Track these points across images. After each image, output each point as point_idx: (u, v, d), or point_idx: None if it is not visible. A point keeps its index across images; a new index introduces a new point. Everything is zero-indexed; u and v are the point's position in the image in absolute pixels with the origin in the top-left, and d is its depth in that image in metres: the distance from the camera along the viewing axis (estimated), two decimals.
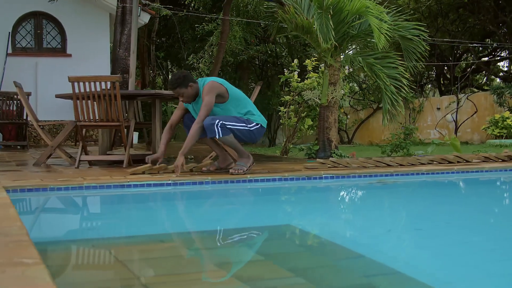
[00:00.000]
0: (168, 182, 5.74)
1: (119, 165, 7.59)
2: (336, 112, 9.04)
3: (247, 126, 6.16)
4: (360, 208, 5.31)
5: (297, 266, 3.08)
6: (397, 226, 4.48)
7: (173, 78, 6.09)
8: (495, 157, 7.44)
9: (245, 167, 6.15)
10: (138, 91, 8.10)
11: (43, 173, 6.64)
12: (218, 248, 3.49)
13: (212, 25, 17.27)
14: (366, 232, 4.23)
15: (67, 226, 4.39)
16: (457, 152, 9.94)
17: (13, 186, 5.28)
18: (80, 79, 6.96)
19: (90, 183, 5.52)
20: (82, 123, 7.18)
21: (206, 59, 16.23)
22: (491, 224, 4.53)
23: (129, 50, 11.46)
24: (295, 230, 4.21)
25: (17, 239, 2.93)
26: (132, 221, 4.58)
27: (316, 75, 10.19)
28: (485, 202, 5.68)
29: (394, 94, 8.18)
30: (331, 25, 7.81)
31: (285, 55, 22.82)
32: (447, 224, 4.52)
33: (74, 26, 13.83)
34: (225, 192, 5.91)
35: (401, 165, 6.96)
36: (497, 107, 20.32)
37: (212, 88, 6.04)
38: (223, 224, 4.46)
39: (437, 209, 5.20)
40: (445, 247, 3.64)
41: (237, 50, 17.64)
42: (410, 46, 8.70)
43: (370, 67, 8.24)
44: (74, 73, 13.36)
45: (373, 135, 22.68)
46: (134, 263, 2.93)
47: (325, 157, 8.78)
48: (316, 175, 6.24)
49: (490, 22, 21.88)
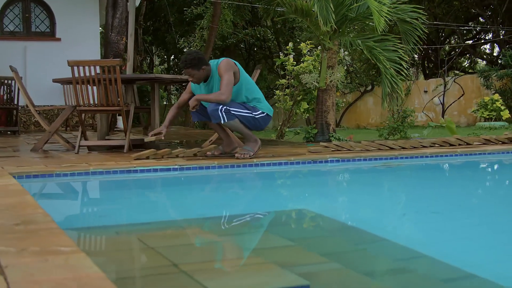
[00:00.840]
0: (174, 167, 5.69)
1: (118, 150, 7.52)
2: (334, 96, 9.02)
3: (252, 113, 6.09)
4: (370, 192, 5.28)
5: (327, 251, 3.05)
6: (412, 209, 4.46)
7: (187, 58, 5.95)
8: (495, 140, 7.46)
9: (252, 152, 6.10)
10: (137, 75, 8.01)
11: (43, 158, 6.56)
12: (243, 234, 3.45)
13: (201, 8, 17.15)
14: (382, 216, 4.21)
15: (84, 213, 4.33)
16: (452, 134, 9.97)
17: (18, 173, 5.20)
18: (80, 63, 6.85)
19: (96, 168, 5.45)
20: (82, 108, 7.09)
21: (197, 42, 16.11)
22: (504, 206, 4.53)
23: (121, 33, 11.37)
24: (312, 214, 4.17)
25: (47, 227, 2.87)
26: (149, 207, 4.53)
27: (312, 58, 10.14)
28: (493, 184, 5.69)
29: (394, 77, 8.16)
30: (332, 8, 7.76)
31: (272, 39, 22.74)
32: (459, 207, 4.52)
33: (63, 9, 13.62)
34: (233, 176, 5.87)
35: (403, 148, 6.94)
36: (483, 90, 20.41)
37: (229, 65, 5.96)
38: (239, 209, 4.42)
39: (447, 191, 5.20)
40: (465, 229, 3.63)
41: (226, 33, 17.53)
42: (408, 29, 8.67)
43: (370, 50, 8.20)
44: (64, 58, 13.20)
45: (360, 118, 22.71)
46: (167, 249, 2.88)
47: (324, 140, 8.77)
48: (321, 159, 6.21)
49: (477, 5, 21.91)
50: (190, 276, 2.38)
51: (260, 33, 19.42)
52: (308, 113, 10.14)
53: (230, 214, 4.14)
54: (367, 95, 22.58)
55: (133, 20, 7.94)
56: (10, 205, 3.51)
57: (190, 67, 5.95)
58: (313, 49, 10.48)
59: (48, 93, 12.63)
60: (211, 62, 6.12)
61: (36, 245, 2.49)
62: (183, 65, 5.99)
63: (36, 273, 2.09)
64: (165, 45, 23.02)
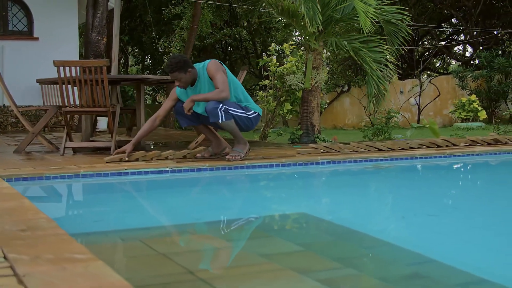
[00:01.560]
0: (166, 170, 5.63)
1: (103, 152, 7.42)
2: (319, 97, 9.00)
3: (246, 113, 6.05)
4: (365, 194, 5.27)
5: (338, 256, 3.02)
6: (409, 212, 4.44)
7: (172, 62, 5.88)
8: (481, 141, 7.49)
9: (242, 153, 6.05)
10: (124, 76, 7.91)
11: (29, 160, 6.44)
12: (250, 239, 3.40)
13: (179, 8, 17.02)
14: (382, 219, 4.20)
15: (82, 217, 4.24)
16: (435, 135, 10.01)
17: (7, 175, 5.10)
18: (66, 64, 6.74)
19: (87, 171, 5.37)
20: (67, 109, 6.98)
21: (177, 42, 15.98)
22: (499, 207, 4.53)
23: (102, 33, 11.23)
24: (313, 218, 4.13)
25: (54, 233, 2.80)
26: (147, 211, 4.47)
27: (295, 59, 10.11)
28: (485, 185, 5.71)
29: (380, 78, 8.16)
30: (318, 9, 7.73)
31: (248, 39, 22.69)
32: (456, 209, 4.52)
33: (41, 8, 13.41)
34: (227, 179, 5.82)
35: (392, 150, 6.94)
36: (459, 91, 20.58)
37: (217, 66, 5.90)
38: (239, 212, 4.38)
39: (441, 193, 5.20)
40: (465, 232, 3.63)
41: (204, 33, 17.45)
42: (392, 31, 8.67)
43: (356, 51, 8.19)
44: (42, 57, 13.11)
45: (337, 119, 22.74)
46: (178, 256, 2.82)
47: (309, 141, 8.74)
48: (312, 161, 6.18)
49: (451, 7, 22.09)
50: (210, 284, 2.32)
51: (238, 33, 19.37)
52: (291, 114, 10.11)
53: (231, 218, 4.09)
54: (343, 96, 22.62)
55: (118, 20, 7.83)
56: (9, 209, 3.43)
57: (177, 70, 5.86)
58: (296, 50, 10.45)
59: (26, 93, 12.46)
60: (196, 66, 6.05)
61: (48, 252, 2.42)
62: (169, 69, 5.90)
63: (58, 282, 2.03)
64: (141, 45, 22.86)
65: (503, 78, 19.12)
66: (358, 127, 22.01)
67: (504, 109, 19.41)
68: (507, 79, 19.09)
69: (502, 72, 18.91)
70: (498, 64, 18.69)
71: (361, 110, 22.05)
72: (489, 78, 19.10)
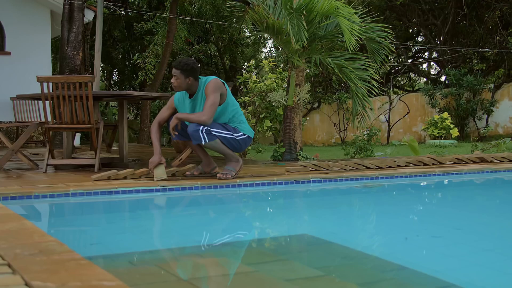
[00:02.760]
0: (157, 188, 5.50)
1: (85, 169, 7.27)
2: (301, 114, 8.96)
3: (233, 134, 5.92)
4: (363, 214, 5.20)
5: (359, 281, 2.94)
6: (411, 232, 4.37)
7: (183, 61, 5.79)
8: (467, 159, 7.51)
9: (234, 172, 5.95)
10: (108, 92, 7.76)
11: (11, 179, 6.25)
12: (267, 263, 3.28)
13: (151, 23, 16.89)
14: (385, 240, 4.12)
15: (78, 241, 4.06)
16: (415, 153, 10.04)
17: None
18: (50, 79, 6.58)
19: (76, 189, 5.21)
20: (50, 126, 6.81)
21: (152, 58, 15.82)
22: (499, 227, 4.50)
23: (77, 48, 11.05)
24: (318, 240, 4.03)
25: (70, 257, 2.67)
26: (146, 232, 4.32)
27: (274, 75, 10.06)
28: (480, 204, 5.69)
29: (365, 96, 8.14)
30: (304, 26, 7.70)
31: (217, 55, 22.65)
32: (458, 230, 4.46)
33: (13, 22, 13.18)
34: (220, 198, 5.71)
35: (380, 168, 6.91)
36: (428, 108, 20.77)
37: (217, 86, 5.78)
38: (244, 234, 4.26)
39: (440, 213, 5.16)
40: (472, 255, 3.57)
41: (177, 49, 17.35)
42: (375, 48, 8.67)
43: (340, 68, 8.16)
44: (14, 72, 12.87)
45: (307, 135, 22.75)
46: (201, 281, 2.70)
47: (291, 159, 8.68)
48: (304, 179, 6.11)
49: (420, 25, 22.32)
50: None
51: (210, 49, 19.31)
52: (271, 130, 10.05)
53: (238, 240, 3.98)
54: (313, 113, 22.66)
55: (100, 35, 7.67)
56: (12, 231, 3.28)
57: (180, 69, 5.75)
58: (276, 66, 10.41)
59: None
60: (200, 78, 5.93)
61: (74, 279, 2.29)
62: (175, 64, 5.80)
63: None
64: (111, 60, 22.63)
65: (471, 96, 19.36)
66: (328, 143, 22.08)
67: (472, 126, 19.64)
68: (475, 97, 19.32)
69: (471, 90, 19.14)
70: (467, 82, 18.92)
71: (331, 126, 22.13)
72: (458, 96, 19.32)
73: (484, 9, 21.75)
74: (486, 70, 21.53)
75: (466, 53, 21.68)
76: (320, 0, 7.99)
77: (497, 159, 7.65)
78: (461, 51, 21.55)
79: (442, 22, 21.77)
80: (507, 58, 20.93)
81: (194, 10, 17.06)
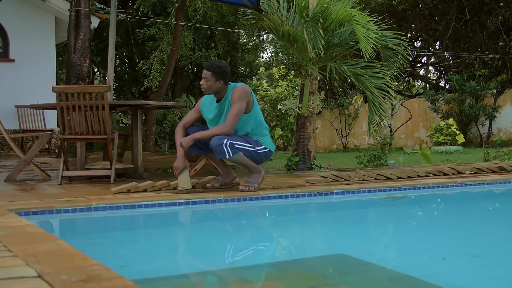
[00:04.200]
0: (180, 201, 5.37)
1: (99, 180, 7.15)
2: (314, 122, 8.85)
3: (254, 147, 5.78)
4: (393, 229, 5.05)
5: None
6: (448, 251, 4.23)
7: (215, 64, 5.66)
8: (487, 168, 7.41)
9: (256, 184, 5.83)
10: (124, 102, 7.62)
11: (26, 191, 6.12)
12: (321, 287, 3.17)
13: (153, 29, 16.76)
14: (420, 259, 3.98)
15: (115, 261, 3.91)
16: (428, 161, 9.94)
17: (16, 209, 4.79)
18: (65, 89, 6.45)
19: (99, 203, 5.09)
20: (66, 136, 6.68)
21: (157, 65, 15.67)
22: None
23: (84, 56, 10.91)
24: (356, 261, 3.88)
25: (122, 284, 2.54)
26: (178, 252, 4.19)
27: (285, 83, 9.96)
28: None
29: (381, 105, 8.03)
30: (321, 34, 7.59)
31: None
32: (497, 249, 4.32)
33: (17, 29, 13.05)
34: (245, 212, 5.59)
35: (401, 178, 6.81)
36: (430, 113, 20.70)
37: (244, 94, 5.62)
38: (278, 254, 4.13)
39: (471, 228, 5.03)
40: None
41: (179, 56, 17.23)
42: (389, 56, 8.57)
43: (356, 76, 8.05)
44: (18, 79, 12.74)
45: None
46: None
47: (305, 168, 8.57)
48: (327, 191, 6.00)
49: (422, 30, 22.27)
50: None
51: (211, 55, 19.19)
52: (282, 139, 9.94)
53: (276, 261, 3.84)
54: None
55: (113, 44, 7.54)
56: (49, 253, 3.15)
57: (212, 71, 5.61)
58: (286, 74, 10.31)
59: (1, 117, 12.07)
60: (229, 83, 5.79)
61: None
62: (207, 65, 5.67)
63: None
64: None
65: (474, 101, 19.29)
66: (329, 149, 21.98)
67: (475, 132, 19.57)
68: (478, 103, 19.26)
69: (473, 96, 19.08)
70: (470, 88, 18.85)
71: (333, 132, 22.02)
72: (460, 102, 19.25)
73: (486, 14, 21.70)
74: (488, 76, 21.48)
75: (468, 58, 21.64)
76: (336, 8, 7.89)
77: None
78: (463, 56, 21.50)
79: (444, 28, 21.71)
80: (510, 64, 20.89)
81: (198, 16, 16.95)
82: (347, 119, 22.22)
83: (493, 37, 22.09)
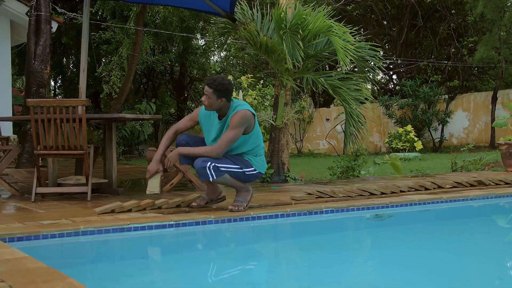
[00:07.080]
0: (170, 223, 5.15)
1: (72, 197, 6.88)
2: (288, 134, 8.71)
3: (242, 169, 5.56)
4: (401, 256, 4.75)
5: None
6: (466, 274, 4.09)
7: (218, 81, 5.37)
8: (466, 183, 7.40)
9: (245, 203, 5.64)
10: (100, 115, 7.33)
11: (2, 211, 5.81)
12: None
13: (109, 33, 16.35)
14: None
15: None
16: (397, 171, 9.93)
17: (0, 235, 4.51)
18: (41, 103, 6.14)
19: (87, 227, 4.83)
20: (40, 152, 6.37)
21: (117, 71, 15.25)
22: None
23: (45, 62, 10.57)
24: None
25: None
26: (180, 282, 3.96)
27: (254, 92, 9.80)
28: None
29: (359, 117, 7.94)
30: (300, 45, 7.46)
31: (171, 64, 22.32)
32: (501, 281, 4.16)
33: None
34: (237, 235, 5.41)
35: (384, 194, 6.74)
36: (384, 118, 20.87)
37: (242, 120, 5.37)
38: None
39: (477, 247, 4.96)
40: None
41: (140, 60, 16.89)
42: (364, 67, 8.49)
43: (334, 88, 7.94)
44: None
45: None
46: None
47: (280, 180, 8.44)
48: (316, 209, 5.86)
49: (376, 35, 22.43)
50: None
51: (168, 59, 18.87)
52: None
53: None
54: None
55: (85, 53, 7.21)
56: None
57: (214, 89, 5.35)
58: (256, 83, 10.16)
59: None
60: (234, 101, 5.56)
61: None
62: (209, 81, 5.40)
63: None
64: (61, 68, 21.95)
65: (427, 107, 19.52)
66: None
67: (427, 137, 19.80)
68: (430, 108, 19.49)
69: (426, 101, 19.30)
70: (423, 93, 19.06)
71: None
72: (414, 107, 19.46)
73: (438, 21, 22.00)
74: (441, 81, 21.76)
75: (421, 64, 21.88)
76: (313, 19, 7.77)
77: (494, 182, 7.57)
78: (418, 62, 21.72)
79: (398, 34, 21.92)
80: (461, 70, 21.20)
81: (158, 21, 16.60)
82: (301, 123, 22.23)
83: (444, 43, 22.42)
